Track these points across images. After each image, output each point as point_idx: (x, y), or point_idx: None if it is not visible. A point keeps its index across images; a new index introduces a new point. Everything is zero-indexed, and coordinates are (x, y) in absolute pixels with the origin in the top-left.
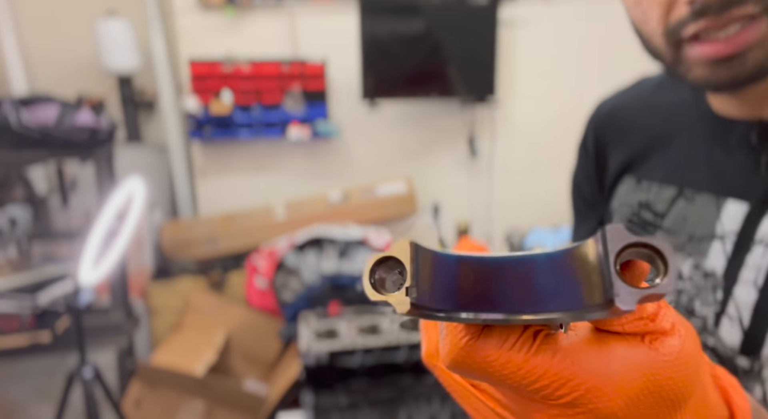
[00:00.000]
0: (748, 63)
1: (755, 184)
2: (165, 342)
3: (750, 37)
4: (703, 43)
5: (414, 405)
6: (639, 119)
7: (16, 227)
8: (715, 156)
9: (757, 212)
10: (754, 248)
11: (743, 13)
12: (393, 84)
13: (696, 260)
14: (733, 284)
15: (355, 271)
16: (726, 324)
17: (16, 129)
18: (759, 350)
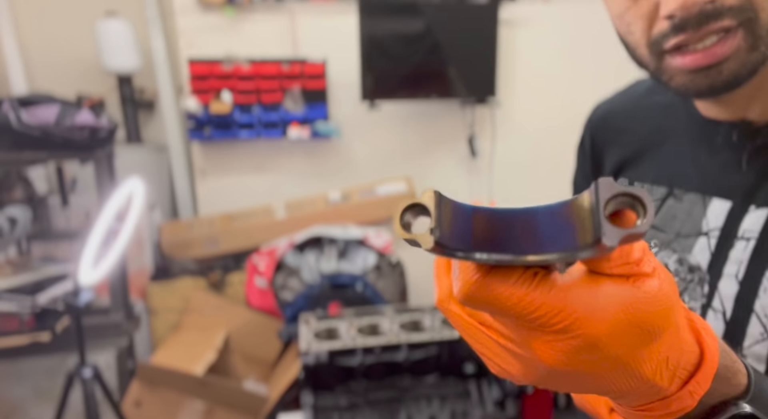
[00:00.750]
0: (724, 72)
1: (737, 182)
2: (165, 342)
3: (725, 49)
4: (683, 54)
5: (414, 405)
6: (632, 121)
7: (16, 227)
8: (702, 156)
9: (738, 209)
10: (737, 244)
11: (719, 26)
12: (393, 85)
13: (681, 256)
14: (718, 279)
15: (355, 271)
16: (711, 316)
17: (16, 128)
18: (741, 340)
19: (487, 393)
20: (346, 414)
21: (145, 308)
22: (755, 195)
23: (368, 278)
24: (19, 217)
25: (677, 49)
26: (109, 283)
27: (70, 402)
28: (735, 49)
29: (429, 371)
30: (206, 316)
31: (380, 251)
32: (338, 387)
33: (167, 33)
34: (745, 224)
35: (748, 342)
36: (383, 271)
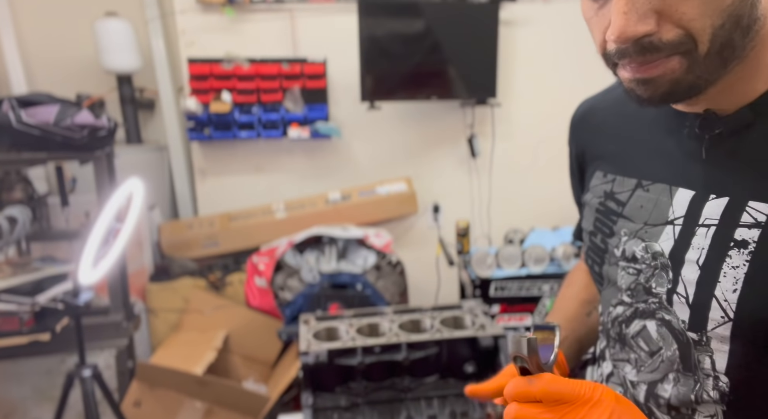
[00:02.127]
0: (660, 87)
1: (699, 171)
2: (165, 342)
3: (658, 71)
4: (627, 66)
5: (414, 405)
6: (610, 117)
7: (16, 227)
8: (670, 147)
9: (699, 197)
10: (698, 231)
11: (654, 56)
12: (392, 86)
13: (647, 244)
14: (681, 265)
15: (355, 271)
16: (676, 301)
17: (15, 127)
18: (704, 324)
19: None
20: (346, 414)
21: (144, 308)
22: (714, 184)
23: (368, 278)
24: (18, 217)
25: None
26: (108, 283)
27: (70, 402)
28: (669, 71)
29: (429, 371)
30: (206, 316)
31: (380, 251)
32: (338, 387)
33: (167, 33)
34: (705, 212)
35: (711, 325)
36: (383, 271)
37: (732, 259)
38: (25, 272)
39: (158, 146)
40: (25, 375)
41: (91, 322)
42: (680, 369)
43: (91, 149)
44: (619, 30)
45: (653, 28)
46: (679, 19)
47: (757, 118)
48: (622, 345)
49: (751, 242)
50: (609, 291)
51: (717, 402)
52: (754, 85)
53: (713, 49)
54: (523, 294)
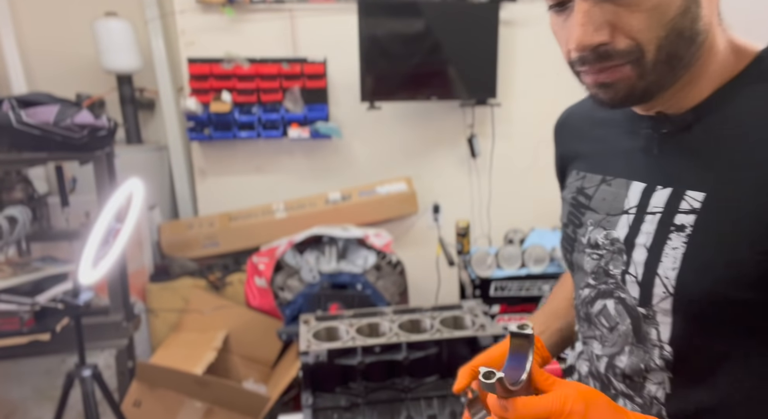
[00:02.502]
0: (619, 92)
1: (650, 166)
2: (165, 342)
3: (614, 76)
4: (587, 73)
5: (414, 405)
6: (584, 122)
7: (16, 227)
8: (630, 146)
9: (649, 189)
10: (646, 218)
11: (609, 63)
12: (392, 86)
13: (607, 232)
14: (632, 249)
15: (355, 271)
16: (629, 280)
17: (15, 127)
18: (650, 299)
19: None
20: (346, 414)
21: (144, 308)
22: (661, 177)
23: (368, 278)
24: (18, 217)
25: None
26: (108, 283)
27: (70, 402)
28: (624, 78)
29: (429, 371)
30: (206, 316)
31: (380, 251)
32: (338, 387)
33: (167, 33)
34: (653, 201)
35: (655, 300)
36: (383, 271)
37: (672, 241)
38: (25, 272)
39: (158, 146)
40: (25, 375)
41: (91, 322)
42: (633, 342)
43: (91, 149)
44: (577, 40)
45: (607, 39)
46: (629, 31)
47: (697, 119)
48: (589, 324)
49: (687, 226)
50: (578, 276)
51: (663, 370)
52: (699, 91)
53: (660, 58)
54: (523, 294)
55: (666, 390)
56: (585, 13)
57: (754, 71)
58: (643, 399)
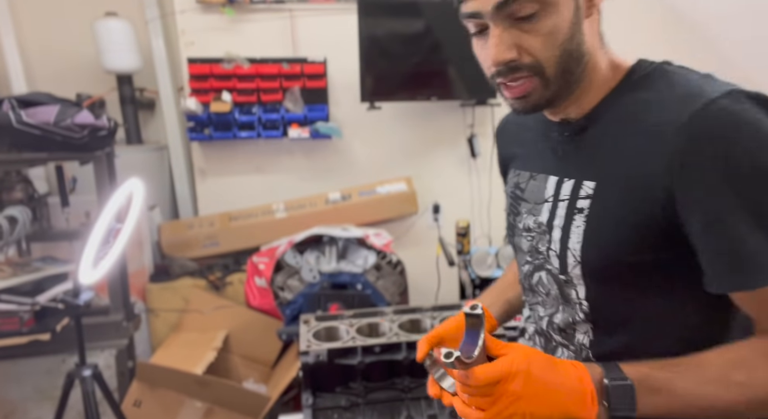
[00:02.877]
0: (530, 102)
1: (559, 163)
2: (165, 342)
3: (525, 88)
4: (505, 89)
5: (414, 405)
6: (517, 128)
7: (16, 227)
8: (545, 147)
9: (559, 181)
10: (559, 204)
11: (521, 75)
12: (392, 86)
13: (535, 218)
14: (552, 229)
15: (355, 270)
16: (552, 255)
17: (16, 127)
18: (566, 268)
19: None
20: (346, 414)
21: (144, 308)
22: (567, 171)
23: (368, 278)
24: (18, 217)
25: (503, 84)
26: (108, 283)
27: (70, 402)
28: (533, 89)
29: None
30: (206, 316)
31: (380, 251)
32: (338, 387)
33: (167, 33)
34: (562, 191)
35: (570, 268)
36: (383, 271)
37: (576, 221)
38: (25, 272)
39: (158, 146)
40: (26, 375)
41: (91, 322)
42: (563, 302)
43: (91, 149)
44: (494, 57)
45: (516, 56)
46: (531, 51)
47: (589, 124)
48: (532, 293)
49: (585, 209)
50: (519, 256)
51: (585, 322)
52: (590, 100)
53: (558, 72)
54: None
55: (590, 337)
56: (498, 37)
57: (626, 84)
58: (575, 347)
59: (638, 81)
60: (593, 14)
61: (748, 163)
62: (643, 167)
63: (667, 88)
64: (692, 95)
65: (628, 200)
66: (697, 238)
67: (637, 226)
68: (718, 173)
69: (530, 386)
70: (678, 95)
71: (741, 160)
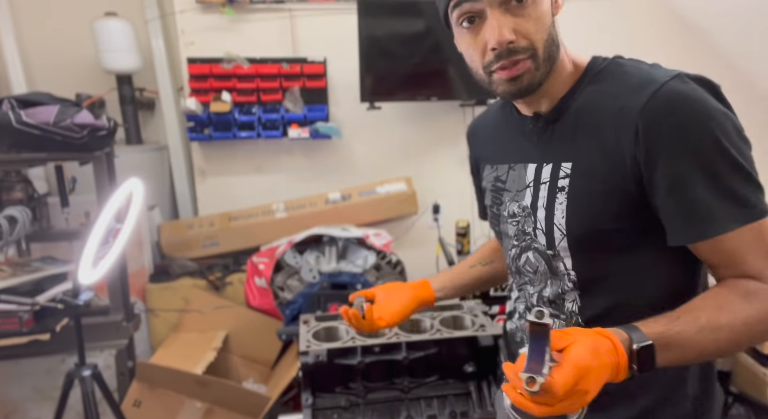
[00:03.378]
0: (523, 82)
1: (536, 151)
2: (165, 342)
3: (521, 68)
4: (501, 70)
5: (414, 405)
6: (488, 129)
7: (16, 227)
8: (520, 139)
9: (539, 167)
10: (541, 187)
11: (517, 57)
12: (392, 87)
13: (519, 203)
14: (536, 210)
15: (355, 270)
16: (539, 234)
17: (15, 127)
18: (554, 244)
19: (487, 393)
20: (346, 414)
21: (144, 308)
22: (544, 157)
23: (368, 278)
24: (18, 217)
25: (499, 68)
26: (108, 283)
27: (70, 402)
28: (526, 69)
29: (429, 371)
30: (206, 316)
31: (380, 251)
32: (338, 387)
33: (167, 33)
34: (543, 175)
35: (557, 242)
36: (383, 271)
37: (558, 199)
38: (25, 272)
39: (158, 146)
40: (25, 375)
41: (91, 322)
42: (551, 276)
43: (91, 149)
44: (497, 38)
45: (514, 38)
46: (525, 33)
47: (560, 114)
48: (520, 275)
49: (566, 187)
50: (505, 242)
51: (573, 290)
52: (557, 92)
53: (545, 55)
54: None
55: (578, 303)
56: (498, 19)
57: (587, 77)
58: (565, 315)
59: (597, 74)
60: (558, 12)
61: (699, 131)
62: (612, 143)
63: (624, 78)
64: (647, 81)
65: (602, 174)
66: (661, 199)
67: (612, 196)
68: (675, 142)
69: (594, 380)
70: (635, 82)
71: (694, 129)
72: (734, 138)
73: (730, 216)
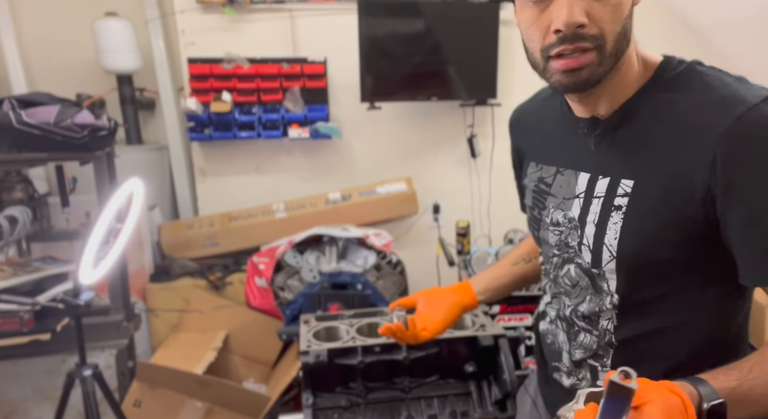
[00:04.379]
0: (582, 76)
1: (590, 159)
2: (165, 342)
3: (583, 60)
4: (559, 59)
5: (414, 405)
6: (535, 121)
7: (16, 227)
8: (572, 142)
9: (593, 178)
10: (593, 201)
11: (583, 45)
12: (392, 87)
13: (565, 212)
14: (584, 225)
15: (355, 270)
16: (584, 250)
17: (16, 127)
18: (600, 263)
19: (487, 393)
20: (346, 414)
21: (145, 308)
22: (600, 168)
23: (368, 278)
24: (18, 217)
25: (558, 56)
26: (109, 283)
27: (70, 402)
28: (589, 62)
29: (429, 371)
30: (206, 316)
31: (380, 251)
32: (338, 386)
33: (167, 33)
34: (597, 188)
35: (604, 262)
36: (383, 271)
37: (613, 218)
38: (25, 272)
39: (158, 146)
40: (26, 375)
41: (91, 322)
42: (592, 293)
43: (91, 149)
44: (566, 18)
45: (586, 21)
46: (599, 20)
47: (623, 121)
48: (555, 284)
49: (623, 206)
50: (545, 248)
51: (612, 310)
52: (621, 95)
53: (613, 50)
54: (523, 294)
55: (614, 322)
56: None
57: (658, 82)
58: (599, 332)
59: (671, 80)
60: (638, 2)
61: None
62: (684, 167)
63: (704, 90)
64: (733, 99)
65: (668, 199)
66: (736, 234)
67: (675, 223)
68: (759, 175)
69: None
70: (718, 98)
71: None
72: None
73: None
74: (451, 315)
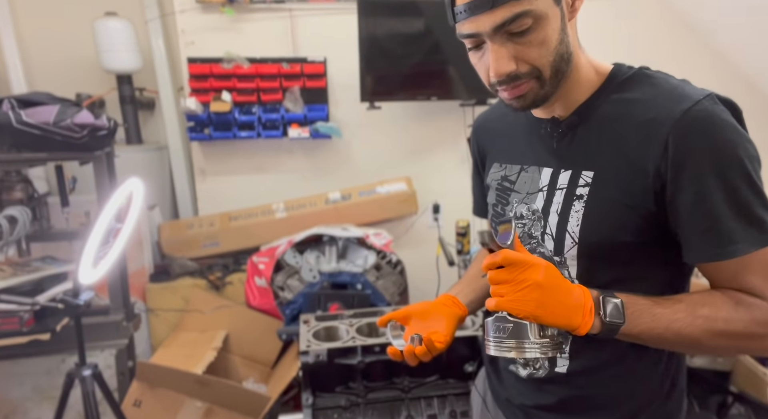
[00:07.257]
0: (527, 99)
1: (553, 156)
2: (165, 341)
3: (525, 88)
4: (503, 91)
5: (414, 405)
6: (498, 125)
7: (16, 227)
8: (536, 142)
9: (555, 172)
10: (556, 192)
11: (520, 82)
12: (392, 86)
13: (529, 206)
14: (548, 216)
15: (355, 270)
16: (547, 239)
17: (15, 127)
18: (562, 250)
19: None
20: (346, 414)
21: (144, 308)
22: (563, 163)
23: (368, 278)
24: (18, 217)
25: (503, 90)
26: (108, 283)
27: (70, 401)
28: (530, 89)
29: (429, 371)
30: (206, 316)
31: (380, 251)
32: (338, 386)
33: (167, 33)
34: (559, 180)
35: (566, 249)
36: (383, 270)
37: (575, 207)
38: (25, 272)
39: (158, 146)
40: (25, 375)
41: (91, 322)
42: None
43: (91, 149)
44: (495, 70)
45: (514, 67)
46: (528, 60)
47: (581, 120)
48: None
49: (584, 195)
50: None
51: None
52: (576, 97)
53: (552, 74)
54: None
55: None
56: (496, 52)
57: (611, 84)
58: None
59: (623, 83)
60: (574, 17)
61: (729, 155)
62: (638, 156)
63: (653, 90)
64: (680, 96)
65: (625, 186)
66: (681, 216)
67: (632, 210)
68: (705, 161)
69: (548, 278)
70: (666, 96)
71: (725, 152)
72: (756, 165)
73: (750, 239)
74: (454, 326)
